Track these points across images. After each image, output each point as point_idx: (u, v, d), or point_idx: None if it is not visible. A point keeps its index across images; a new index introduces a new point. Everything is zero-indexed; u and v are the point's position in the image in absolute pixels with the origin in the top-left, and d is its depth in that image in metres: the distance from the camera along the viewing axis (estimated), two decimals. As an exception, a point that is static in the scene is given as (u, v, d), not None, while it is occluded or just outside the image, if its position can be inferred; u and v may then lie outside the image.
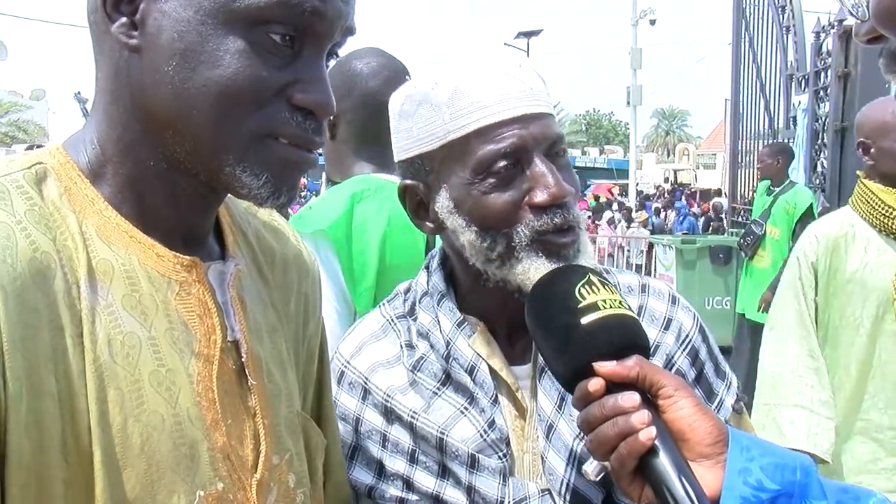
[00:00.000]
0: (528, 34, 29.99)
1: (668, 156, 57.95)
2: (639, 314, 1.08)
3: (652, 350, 1.03)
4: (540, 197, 0.99)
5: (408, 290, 1.15)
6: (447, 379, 1.05)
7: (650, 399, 0.84)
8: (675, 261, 7.47)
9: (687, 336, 1.11)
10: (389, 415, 1.09)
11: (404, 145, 1.06)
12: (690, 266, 7.86)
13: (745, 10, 8.30)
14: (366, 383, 1.11)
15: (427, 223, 1.08)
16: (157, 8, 0.72)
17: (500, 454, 1.02)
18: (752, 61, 8.16)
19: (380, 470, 1.09)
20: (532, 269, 0.97)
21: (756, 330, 4.59)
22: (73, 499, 0.66)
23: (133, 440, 0.69)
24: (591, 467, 0.85)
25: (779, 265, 5.19)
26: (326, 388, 1.04)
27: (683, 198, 23.11)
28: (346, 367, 1.13)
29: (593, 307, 0.84)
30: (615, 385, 0.82)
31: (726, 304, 7.82)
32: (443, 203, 1.03)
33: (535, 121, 1.01)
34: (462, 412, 1.03)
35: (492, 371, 1.05)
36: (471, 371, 1.04)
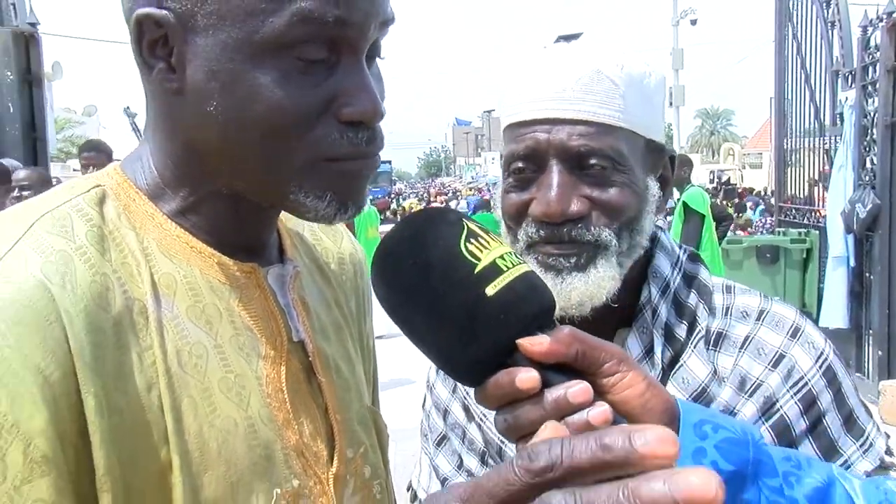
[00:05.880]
0: (568, 38, 29.76)
1: (713, 156, 57.05)
2: (743, 345, 0.99)
3: (750, 390, 0.97)
4: (534, 208, 0.96)
5: None
6: None
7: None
8: (722, 260, 7.37)
9: (801, 378, 0.97)
10: (468, 412, 1.10)
11: None
12: (737, 266, 7.75)
13: (788, 7, 8.16)
14: None
15: None
16: (190, 49, 0.70)
17: None
18: (796, 57, 8.02)
19: (459, 464, 1.10)
20: None
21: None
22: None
23: (210, 445, 0.71)
24: None
25: None
26: (377, 384, 1.06)
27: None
28: None
29: (494, 270, 0.60)
30: (543, 368, 0.60)
31: (775, 305, 7.69)
32: (497, 195, 1.04)
33: (565, 126, 0.95)
34: None
35: None
36: None
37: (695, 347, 1.00)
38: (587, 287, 0.95)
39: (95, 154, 5.10)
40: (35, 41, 6.30)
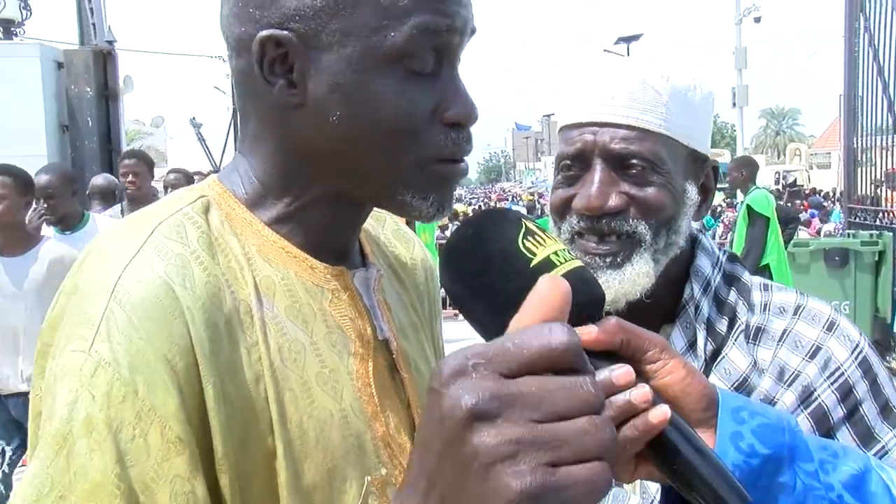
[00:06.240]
0: (628, 39, 29.50)
1: (779, 157, 55.63)
2: (781, 338, 1.06)
3: (789, 380, 1.03)
4: (576, 202, 1.05)
5: None
6: None
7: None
8: (789, 264, 7.21)
9: (838, 368, 1.03)
10: None
11: None
12: (804, 269, 7.56)
13: (862, 1, 7.94)
14: None
15: None
16: (312, 65, 0.76)
17: None
18: (868, 49, 7.78)
19: None
20: None
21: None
22: (262, 488, 0.75)
23: (309, 434, 0.77)
24: None
25: None
26: None
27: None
28: None
29: (548, 264, 0.67)
30: (590, 355, 0.62)
31: (845, 309, 7.49)
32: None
33: (609, 129, 1.04)
34: None
35: None
36: None
37: (735, 341, 1.07)
38: (622, 285, 1.03)
39: (136, 162, 5.31)
40: (112, 58, 6.59)
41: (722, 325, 1.08)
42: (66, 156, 6.31)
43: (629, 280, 1.03)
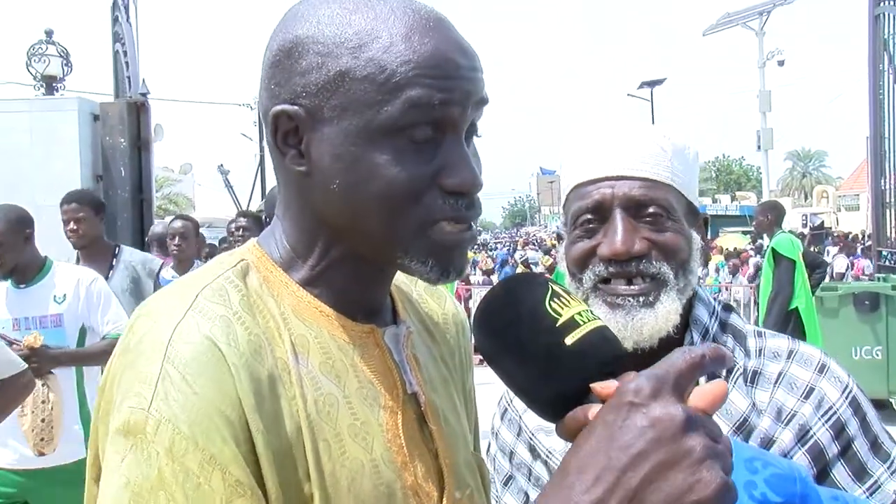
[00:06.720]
0: (652, 84, 29.74)
1: (806, 199, 55.24)
2: (777, 380, 1.13)
3: (786, 419, 1.10)
4: (602, 249, 1.12)
5: None
6: None
7: None
8: (816, 308, 7.12)
9: (831, 408, 1.10)
10: (533, 451, 1.23)
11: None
12: (832, 314, 7.47)
13: (883, 36, 7.94)
14: (520, 421, 1.25)
15: None
16: (317, 137, 0.82)
17: None
18: (893, 88, 7.76)
19: (525, 501, 1.22)
20: None
21: None
22: None
23: (342, 483, 0.81)
24: None
25: None
26: (478, 432, 1.16)
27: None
28: (509, 404, 1.30)
29: (573, 324, 0.76)
30: None
31: (877, 354, 7.37)
32: (561, 250, 1.21)
33: (626, 181, 1.13)
34: None
35: None
36: None
37: (735, 384, 1.14)
38: (656, 321, 1.10)
39: (183, 224, 5.50)
40: (145, 110, 6.78)
41: (721, 370, 1.13)
42: (100, 204, 6.46)
43: (662, 317, 1.10)
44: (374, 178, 0.81)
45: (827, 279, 8.18)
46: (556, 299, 0.77)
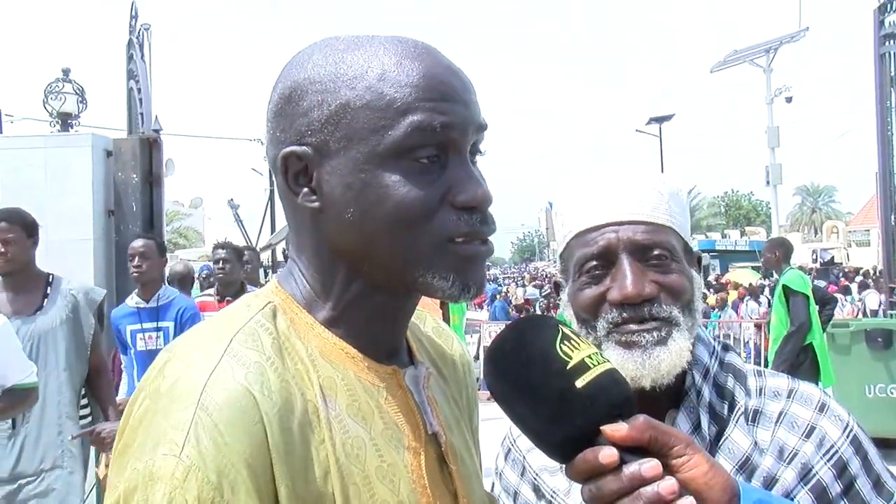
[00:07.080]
0: (660, 119, 29.86)
1: (816, 234, 55.08)
2: (778, 419, 1.14)
3: (788, 458, 1.10)
4: (613, 294, 1.12)
5: None
6: None
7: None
8: (828, 346, 7.06)
9: (832, 447, 1.11)
10: (538, 492, 1.23)
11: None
12: (844, 351, 7.39)
13: (890, 71, 7.99)
14: (524, 461, 1.25)
15: None
16: (326, 171, 0.84)
17: None
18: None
19: None
20: (612, 360, 1.01)
21: None
22: None
23: None
24: None
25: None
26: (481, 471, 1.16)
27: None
28: (512, 444, 1.30)
29: (583, 367, 0.77)
30: (622, 449, 0.76)
31: (891, 392, 7.29)
32: (564, 297, 1.21)
33: (630, 226, 1.14)
34: None
35: None
36: None
37: (736, 423, 1.15)
38: (671, 357, 1.11)
39: (227, 252, 5.56)
40: (157, 145, 6.84)
41: (723, 409, 1.16)
42: (111, 239, 6.50)
43: (676, 354, 1.11)
44: (386, 200, 0.83)
45: (860, 316, 8.11)
46: (566, 342, 0.79)
